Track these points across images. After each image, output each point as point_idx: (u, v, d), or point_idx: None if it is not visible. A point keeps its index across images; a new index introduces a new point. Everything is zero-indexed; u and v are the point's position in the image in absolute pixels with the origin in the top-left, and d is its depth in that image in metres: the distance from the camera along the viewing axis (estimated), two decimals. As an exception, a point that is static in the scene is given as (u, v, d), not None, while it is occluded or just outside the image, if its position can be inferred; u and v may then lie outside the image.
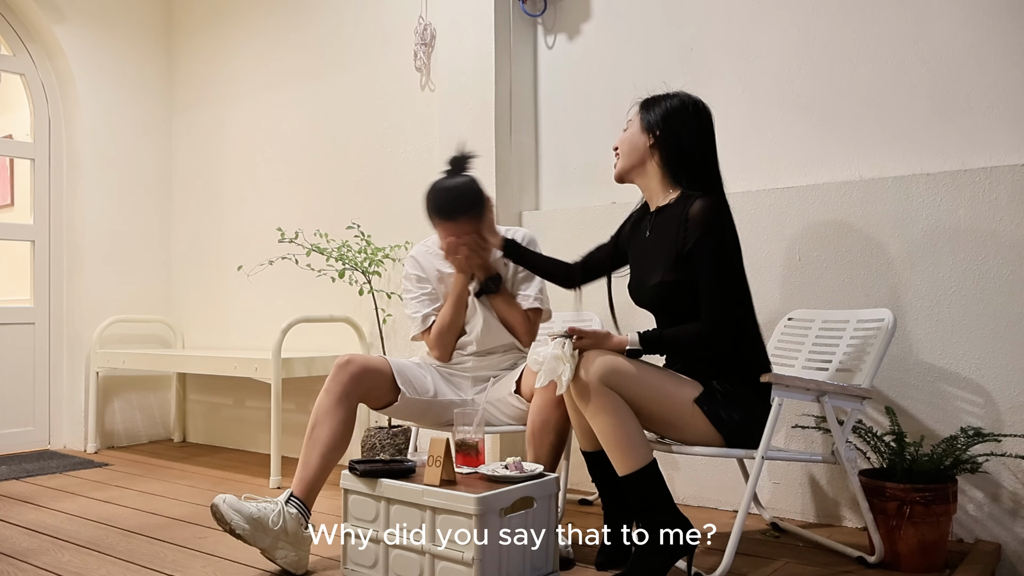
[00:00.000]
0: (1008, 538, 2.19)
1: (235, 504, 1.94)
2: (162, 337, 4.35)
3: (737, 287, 1.93)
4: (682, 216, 1.94)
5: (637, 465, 1.82)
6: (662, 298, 1.98)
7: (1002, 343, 2.21)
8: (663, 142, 2.01)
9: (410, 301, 2.41)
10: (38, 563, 2.16)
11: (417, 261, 2.43)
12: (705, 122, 2.03)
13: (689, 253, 1.91)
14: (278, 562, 1.98)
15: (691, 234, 1.90)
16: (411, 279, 2.42)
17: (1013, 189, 2.20)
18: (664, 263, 1.96)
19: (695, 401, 1.90)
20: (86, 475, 3.37)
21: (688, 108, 2.02)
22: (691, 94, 2.05)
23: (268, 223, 3.89)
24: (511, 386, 2.28)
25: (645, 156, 2.04)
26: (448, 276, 2.37)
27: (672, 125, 2.01)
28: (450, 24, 3.18)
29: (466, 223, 2.22)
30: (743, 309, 1.97)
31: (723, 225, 1.92)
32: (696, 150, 2.00)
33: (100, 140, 4.11)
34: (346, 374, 2.14)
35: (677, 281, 1.94)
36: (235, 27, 4.12)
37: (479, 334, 2.35)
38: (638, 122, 2.06)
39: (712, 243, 1.89)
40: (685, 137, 2.00)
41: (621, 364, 1.86)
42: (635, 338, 1.92)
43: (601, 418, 1.83)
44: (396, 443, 2.98)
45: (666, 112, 2.02)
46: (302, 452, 2.10)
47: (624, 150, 2.09)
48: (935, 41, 2.37)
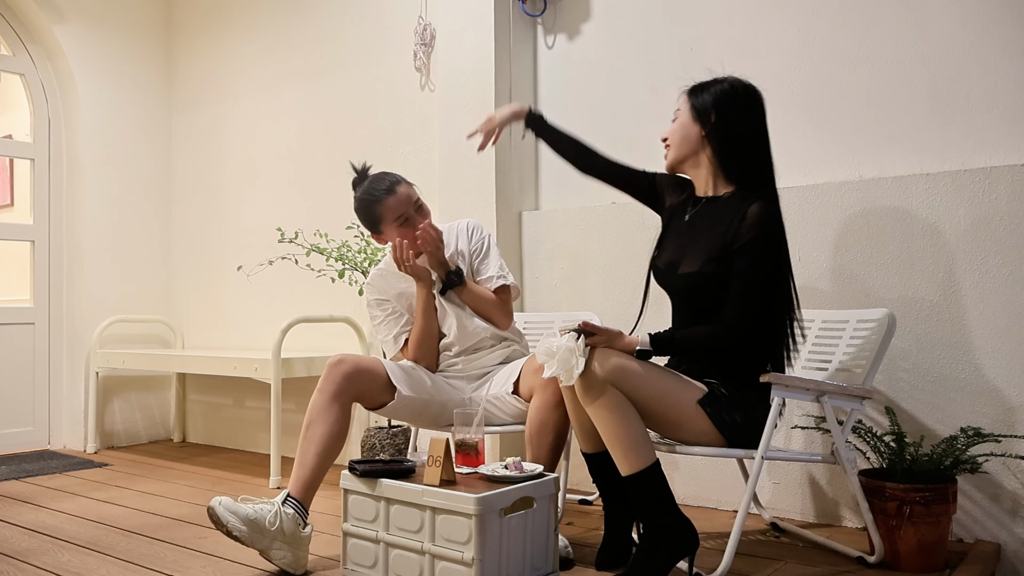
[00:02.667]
0: (1008, 538, 2.19)
1: (231, 506, 1.94)
2: (162, 337, 4.35)
3: (770, 300, 1.92)
4: (738, 214, 1.92)
5: (641, 465, 1.82)
6: (692, 288, 1.98)
7: (1002, 343, 2.21)
8: (716, 131, 1.97)
9: (379, 326, 2.43)
10: (38, 563, 2.16)
11: (373, 286, 2.44)
12: (757, 108, 1.99)
13: (736, 251, 1.90)
14: (276, 563, 1.98)
15: (744, 234, 1.89)
16: (373, 305, 2.44)
17: (1013, 189, 2.20)
18: (705, 254, 1.95)
19: (699, 402, 1.90)
20: (86, 475, 3.37)
21: (739, 93, 1.98)
22: (741, 78, 2.01)
23: (268, 223, 3.89)
24: (508, 386, 2.28)
25: (698, 146, 2.01)
26: (407, 291, 2.38)
27: (724, 112, 1.97)
28: (450, 24, 3.18)
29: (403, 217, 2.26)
30: (773, 322, 1.96)
31: (777, 235, 1.92)
32: (749, 139, 1.97)
33: (100, 140, 4.11)
34: (339, 373, 2.14)
35: (714, 274, 1.93)
36: (235, 27, 4.12)
37: (456, 333, 2.34)
38: (688, 111, 2.02)
39: (762, 250, 1.89)
40: (738, 125, 1.97)
41: (627, 363, 1.86)
42: (646, 339, 1.92)
43: (606, 417, 1.83)
44: (396, 443, 2.97)
45: (717, 99, 1.98)
46: (298, 452, 2.11)
47: (675, 140, 2.05)
48: (935, 41, 2.37)
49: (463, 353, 2.38)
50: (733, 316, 1.89)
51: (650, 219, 2.81)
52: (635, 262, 2.85)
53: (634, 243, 2.86)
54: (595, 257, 2.97)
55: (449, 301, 2.35)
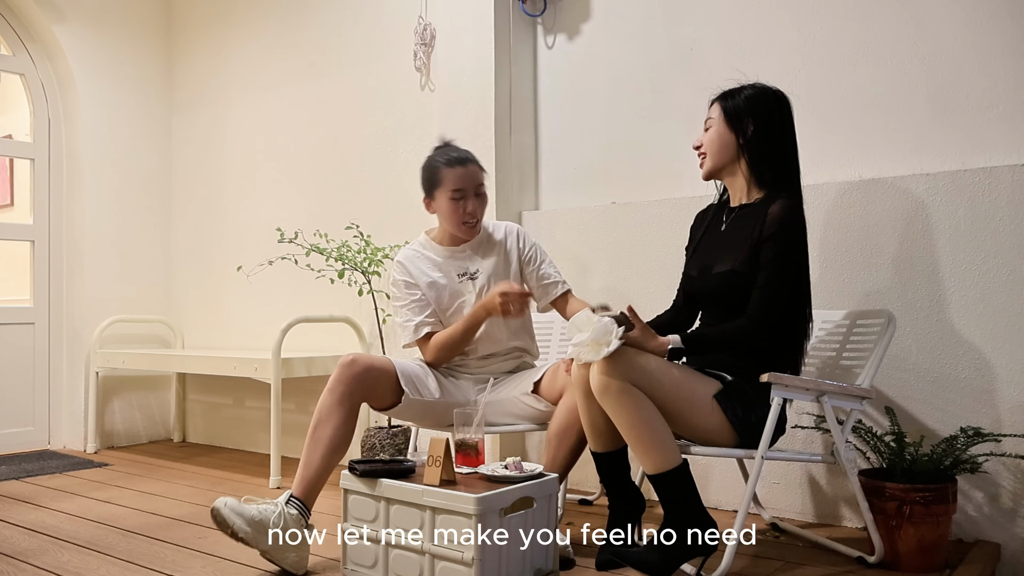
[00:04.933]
0: (1008, 538, 2.19)
1: (236, 507, 1.94)
2: (162, 337, 4.35)
3: (792, 292, 1.96)
4: (763, 213, 1.97)
5: (668, 465, 1.86)
6: (726, 287, 2.01)
7: (1002, 343, 2.21)
8: (752, 141, 2.02)
9: (400, 309, 2.35)
10: (38, 563, 2.16)
11: (405, 267, 2.37)
12: (788, 115, 2.05)
13: (761, 245, 1.94)
14: (278, 563, 1.99)
15: (767, 229, 1.94)
16: (399, 285, 2.36)
17: (1013, 189, 2.20)
18: (738, 254, 1.99)
19: (714, 397, 1.92)
20: (86, 475, 3.37)
21: (771, 101, 2.03)
22: (768, 85, 2.06)
23: (268, 223, 3.89)
24: (527, 386, 2.26)
25: (735, 155, 2.05)
26: (438, 282, 2.35)
27: (760, 122, 2.01)
28: (450, 24, 3.18)
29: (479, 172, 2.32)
30: (795, 313, 1.99)
31: (797, 229, 1.96)
32: (782, 146, 2.03)
33: (100, 140, 4.11)
34: (350, 373, 2.12)
35: (748, 273, 1.97)
36: (235, 27, 4.11)
37: (480, 334, 2.33)
38: (722, 119, 2.06)
39: (784, 244, 1.93)
40: (773, 134, 2.01)
41: (644, 361, 1.88)
42: (677, 339, 1.95)
43: (628, 417, 1.85)
44: (396, 443, 2.98)
45: (752, 107, 2.02)
46: (304, 452, 2.10)
47: (712, 150, 2.08)
48: (935, 41, 2.37)
49: (479, 359, 2.37)
50: (760, 308, 1.93)
51: (650, 219, 2.82)
52: (635, 262, 2.85)
53: (634, 243, 2.86)
54: (595, 257, 2.97)
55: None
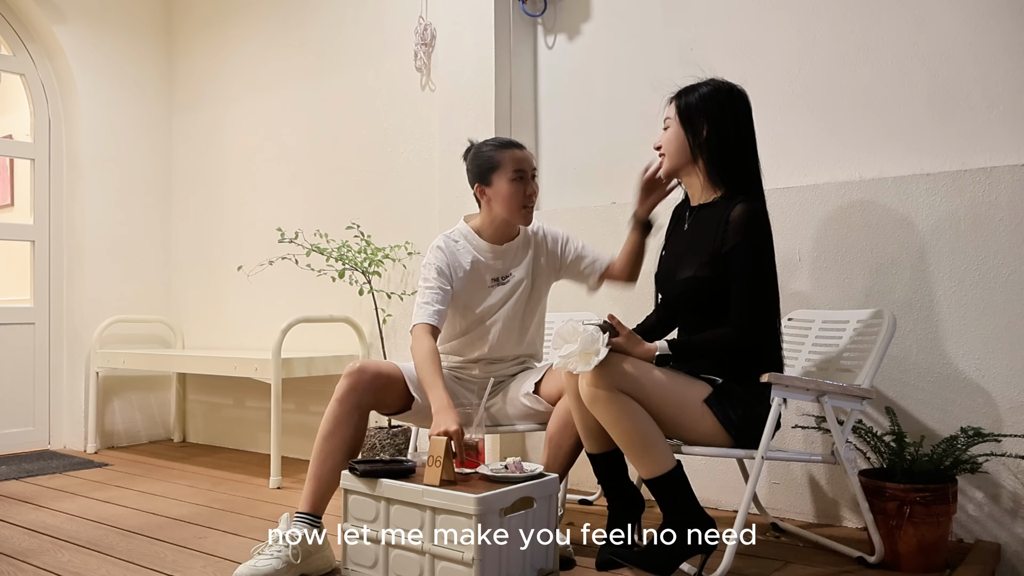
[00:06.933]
0: (1008, 538, 2.19)
1: (255, 570, 1.88)
2: (162, 337, 4.35)
3: (767, 292, 1.96)
4: (723, 218, 1.96)
5: (662, 469, 1.86)
6: (690, 294, 2.01)
7: (1002, 343, 2.21)
8: (707, 141, 2.01)
9: (425, 290, 2.23)
10: (38, 563, 2.16)
11: (443, 252, 2.27)
12: (744, 112, 2.03)
13: (726, 255, 1.94)
14: (312, 574, 2.00)
15: (730, 238, 1.93)
16: (431, 267, 2.26)
17: (1013, 189, 2.20)
18: (699, 259, 1.99)
19: (704, 401, 1.92)
20: (86, 475, 3.37)
21: (725, 100, 2.01)
22: (725, 80, 2.05)
23: (268, 223, 3.89)
24: (528, 386, 2.24)
25: (691, 156, 2.05)
26: (468, 275, 2.27)
27: (714, 122, 2.00)
28: (450, 24, 3.18)
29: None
30: (770, 314, 1.99)
31: (761, 231, 1.95)
32: (738, 145, 2.01)
33: (100, 140, 4.11)
34: (360, 382, 2.09)
35: (709, 278, 1.96)
36: (235, 27, 4.12)
37: (495, 340, 2.28)
38: (677, 120, 2.05)
39: (749, 249, 1.92)
40: (727, 133, 2.00)
41: (633, 367, 1.88)
42: (663, 345, 1.95)
43: (619, 423, 1.85)
44: (396, 443, 2.98)
45: (706, 107, 2.01)
46: (313, 462, 2.07)
47: (670, 150, 2.08)
48: (935, 41, 2.37)
49: (487, 362, 2.33)
50: (742, 318, 1.92)
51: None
52: (635, 262, 2.85)
53: (634, 243, 2.85)
54: (595, 257, 2.96)
55: (513, 306, 2.28)
